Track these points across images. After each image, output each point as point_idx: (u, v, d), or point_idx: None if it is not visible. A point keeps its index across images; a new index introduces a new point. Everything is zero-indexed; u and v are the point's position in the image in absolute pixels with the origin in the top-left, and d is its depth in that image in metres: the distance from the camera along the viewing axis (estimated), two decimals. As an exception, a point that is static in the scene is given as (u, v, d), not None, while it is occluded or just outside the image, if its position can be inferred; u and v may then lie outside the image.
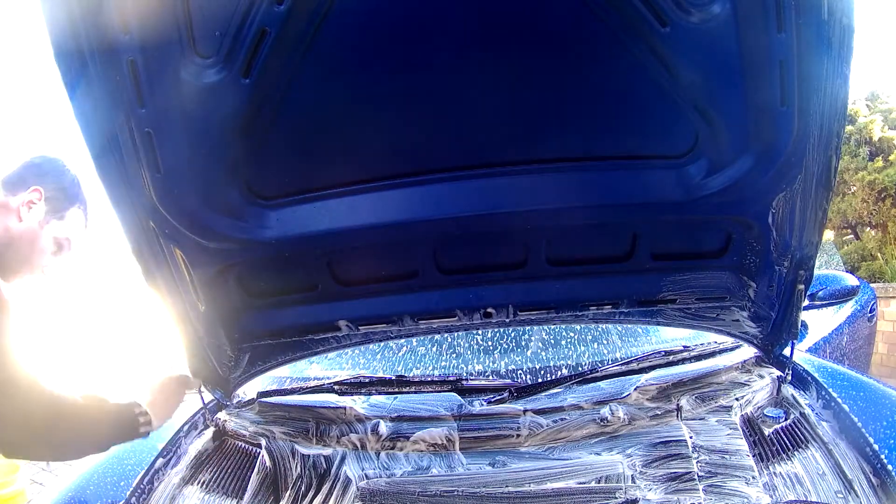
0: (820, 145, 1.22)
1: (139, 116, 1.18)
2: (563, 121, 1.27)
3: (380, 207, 1.35)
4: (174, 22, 1.07)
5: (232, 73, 1.12)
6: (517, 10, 1.08)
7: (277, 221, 1.38)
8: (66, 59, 1.12)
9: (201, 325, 1.61)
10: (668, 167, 1.31)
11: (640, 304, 1.68)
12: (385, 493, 1.57)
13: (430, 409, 1.78)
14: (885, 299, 6.30)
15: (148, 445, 1.66)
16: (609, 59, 1.16)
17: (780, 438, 1.60)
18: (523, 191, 1.33)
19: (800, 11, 1.05)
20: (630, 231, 1.50)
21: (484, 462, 1.64)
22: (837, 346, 3.34)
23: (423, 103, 1.22)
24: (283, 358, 1.89)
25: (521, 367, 2.08)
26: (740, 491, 1.44)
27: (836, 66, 1.12)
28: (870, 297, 3.89)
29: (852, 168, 8.98)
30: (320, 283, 1.58)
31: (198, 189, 1.30)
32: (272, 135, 1.24)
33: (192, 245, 1.41)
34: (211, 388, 1.85)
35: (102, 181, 1.29)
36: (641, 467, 1.54)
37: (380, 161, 1.33)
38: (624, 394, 1.73)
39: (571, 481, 1.52)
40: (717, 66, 1.13)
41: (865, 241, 9.13)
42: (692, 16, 1.05)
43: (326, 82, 1.18)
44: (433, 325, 1.74)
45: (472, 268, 1.58)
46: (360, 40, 1.13)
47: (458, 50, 1.14)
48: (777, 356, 1.86)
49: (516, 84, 1.19)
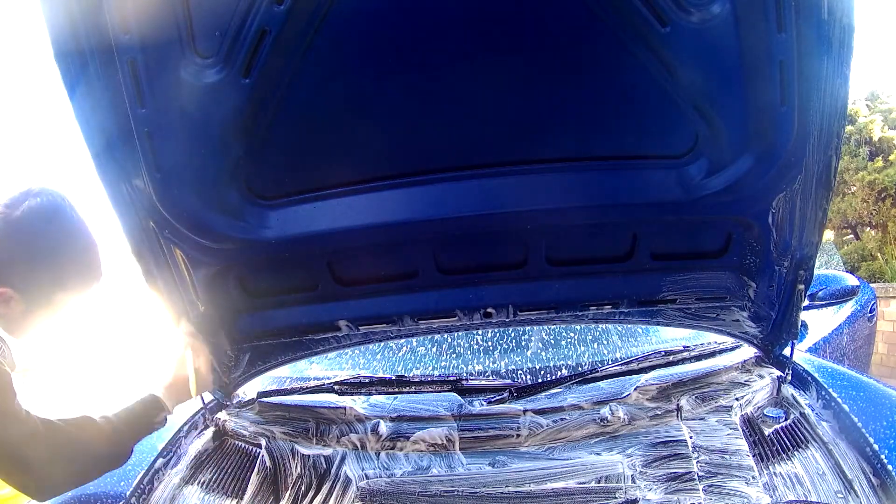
0: (820, 145, 1.22)
1: (139, 116, 1.18)
2: (562, 121, 1.27)
3: (380, 207, 1.35)
4: (174, 22, 1.07)
5: (232, 73, 1.12)
6: (517, 10, 1.08)
7: (277, 221, 1.38)
8: (66, 58, 1.13)
9: (201, 325, 1.61)
10: (668, 167, 1.31)
11: (640, 304, 1.68)
12: (385, 493, 1.57)
13: (430, 409, 1.78)
14: (885, 299, 6.31)
15: (148, 445, 1.66)
16: (609, 59, 1.16)
17: (780, 438, 1.60)
18: (523, 191, 1.33)
19: (800, 11, 1.05)
20: (630, 231, 1.50)
21: (484, 462, 1.64)
22: (837, 346, 3.35)
23: (423, 103, 1.22)
24: (283, 358, 1.89)
25: (521, 368, 2.08)
26: (740, 491, 1.44)
27: (836, 66, 1.12)
28: (870, 297, 3.89)
29: (852, 168, 8.99)
30: (320, 283, 1.58)
31: (198, 189, 1.30)
32: (272, 135, 1.24)
33: (193, 245, 1.41)
34: (211, 389, 1.85)
35: (102, 181, 1.29)
36: (641, 467, 1.54)
37: (380, 161, 1.33)
38: (624, 394, 1.73)
39: (571, 481, 1.52)
40: (716, 66, 1.13)
41: (865, 241, 9.13)
42: (692, 16, 1.05)
43: (326, 82, 1.18)
44: (433, 325, 1.74)
45: (472, 268, 1.58)
46: (359, 40, 1.13)
47: (458, 50, 1.14)
48: (777, 356, 1.86)
49: (516, 84, 1.19)
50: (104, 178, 1.28)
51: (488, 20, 1.10)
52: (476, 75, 1.17)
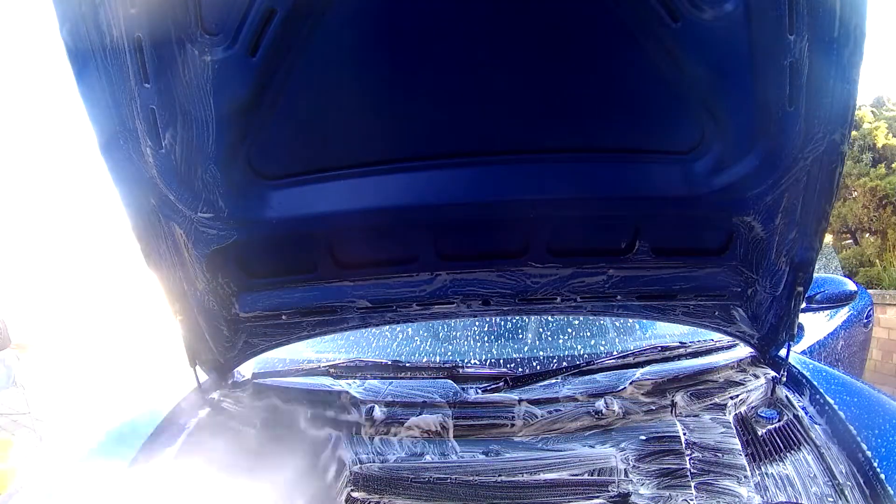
0: (825, 149, 1.22)
1: (144, 93, 1.17)
2: (568, 111, 1.26)
3: (382, 191, 1.35)
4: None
5: (239, 51, 1.11)
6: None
7: (279, 201, 1.38)
8: (72, 34, 1.12)
9: (199, 304, 1.61)
10: (673, 162, 1.30)
11: (639, 297, 1.68)
12: (378, 479, 1.57)
13: (425, 396, 1.79)
14: (882, 306, 6.32)
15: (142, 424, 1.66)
16: (618, 52, 1.15)
17: (773, 439, 1.61)
18: (527, 179, 1.33)
19: (812, 14, 1.04)
20: (632, 224, 1.50)
21: (477, 450, 1.65)
22: (832, 351, 3.36)
23: (430, 88, 1.22)
24: (280, 339, 1.89)
25: (517, 357, 2.08)
26: (731, 489, 1.45)
27: (846, 70, 1.11)
28: (867, 303, 3.91)
29: (854, 173, 9.00)
30: (320, 264, 1.58)
31: (200, 166, 1.29)
32: (276, 114, 1.23)
33: (192, 223, 1.41)
34: (207, 368, 1.85)
35: (105, 158, 1.29)
36: (634, 461, 1.55)
37: (384, 144, 1.32)
38: (619, 387, 1.74)
39: (564, 473, 1.53)
40: (726, 64, 1.13)
41: (864, 246, 9.14)
42: (704, 13, 1.05)
43: (332, 63, 1.18)
44: (431, 310, 1.74)
45: (472, 255, 1.58)
46: (367, 23, 1.12)
47: (467, 36, 1.13)
48: (773, 357, 1.87)
49: (524, 72, 1.19)
50: (107, 154, 1.28)
51: (499, 8, 1.09)
52: (485, 61, 1.17)
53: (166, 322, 1.70)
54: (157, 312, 1.85)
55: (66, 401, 6.36)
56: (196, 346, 1.74)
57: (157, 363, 1.72)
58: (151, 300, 2.04)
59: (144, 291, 4.36)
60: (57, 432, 5.59)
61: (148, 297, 2.47)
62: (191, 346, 1.74)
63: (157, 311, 1.83)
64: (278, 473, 1.63)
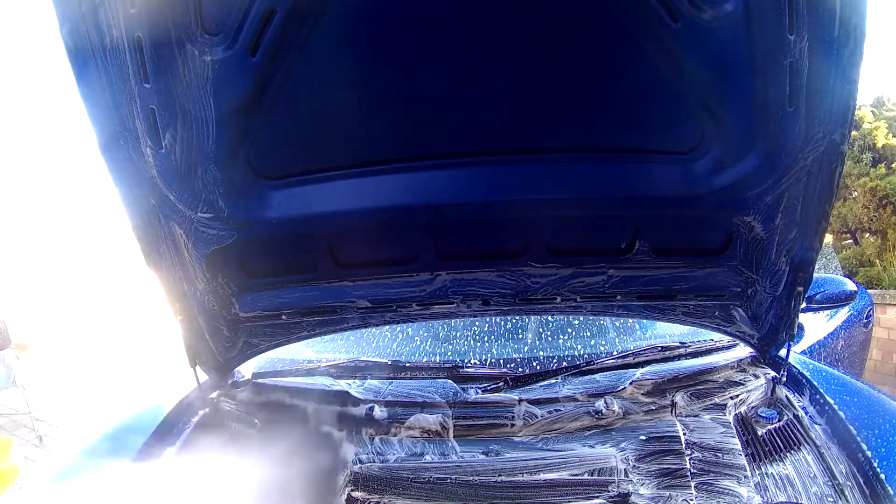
0: (825, 150, 1.22)
1: (144, 93, 1.17)
2: (569, 111, 1.26)
3: (382, 191, 1.35)
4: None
5: (238, 50, 1.11)
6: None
7: (279, 201, 1.37)
8: (72, 34, 1.12)
9: (199, 304, 1.61)
10: (673, 162, 1.30)
11: (639, 297, 1.68)
12: (378, 479, 1.57)
13: (425, 396, 1.79)
14: (882, 306, 6.31)
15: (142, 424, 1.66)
16: (618, 52, 1.15)
17: (773, 439, 1.61)
18: (528, 180, 1.33)
19: (812, 14, 1.04)
20: (632, 225, 1.49)
21: (477, 450, 1.65)
22: (832, 351, 3.36)
23: (430, 88, 1.22)
24: (280, 339, 1.89)
25: (517, 357, 2.08)
26: (731, 489, 1.45)
27: (846, 71, 1.11)
28: (867, 303, 3.90)
29: (854, 173, 8.99)
30: (319, 264, 1.58)
31: (200, 166, 1.29)
32: (276, 114, 1.23)
33: (192, 223, 1.41)
34: (207, 368, 1.85)
35: (105, 158, 1.29)
36: (634, 461, 1.55)
37: (384, 144, 1.32)
38: (619, 387, 1.74)
39: (564, 473, 1.53)
40: (726, 64, 1.13)
41: (864, 247, 9.13)
42: (704, 13, 1.04)
43: (332, 63, 1.18)
44: (431, 310, 1.74)
45: (472, 255, 1.58)
46: (367, 23, 1.12)
47: (467, 36, 1.13)
48: (773, 357, 1.87)
49: (524, 73, 1.19)
50: (107, 154, 1.28)
51: (499, 8, 1.09)
52: (485, 61, 1.16)
53: (166, 322, 1.70)
54: (157, 312, 1.85)
55: (66, 401, 6.37)
56: (196, 346, 1.74)
57: (157, 363, 1.73)
58: (151, 300, 2.03)
59: (144, 291, 4.36)
60: (57, 432, 5.59)
61: (148, 297, 2.47)
62: (191, 346, 1.74)
63: (157, 311, 1.83)
64: (278, 473, 1.63)
